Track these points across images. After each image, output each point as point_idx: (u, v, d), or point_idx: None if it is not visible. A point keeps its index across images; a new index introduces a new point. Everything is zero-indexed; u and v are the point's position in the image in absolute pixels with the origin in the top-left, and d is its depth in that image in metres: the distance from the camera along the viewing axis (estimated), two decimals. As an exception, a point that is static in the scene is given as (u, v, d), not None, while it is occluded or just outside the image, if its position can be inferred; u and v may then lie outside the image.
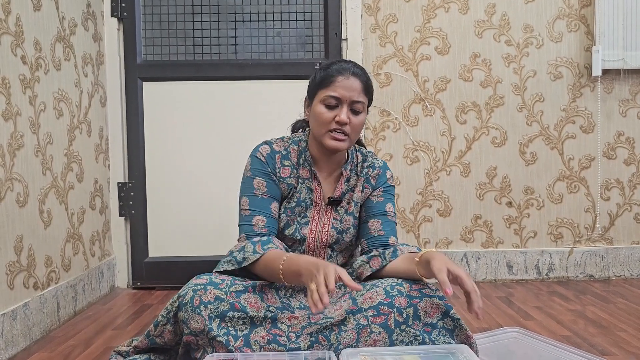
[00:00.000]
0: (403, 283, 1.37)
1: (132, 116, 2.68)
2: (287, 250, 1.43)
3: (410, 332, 1.32)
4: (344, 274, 1.20)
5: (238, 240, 1.47)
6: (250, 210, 1.47)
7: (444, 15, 2.67)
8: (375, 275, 1.47)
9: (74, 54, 2.30)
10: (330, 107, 1.44)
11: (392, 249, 1.46)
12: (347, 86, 1.43)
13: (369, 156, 1.61)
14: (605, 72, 2.66)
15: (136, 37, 2.66)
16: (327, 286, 1.16)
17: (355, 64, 1.49)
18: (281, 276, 1.31)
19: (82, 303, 2.30)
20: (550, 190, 2.72)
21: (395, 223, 1.57)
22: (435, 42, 2.68)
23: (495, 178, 2.71)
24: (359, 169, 1.58)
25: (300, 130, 1.65)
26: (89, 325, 2.11)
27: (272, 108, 2.68)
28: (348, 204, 1.56)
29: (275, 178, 1.50)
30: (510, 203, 2.72)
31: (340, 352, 1.29)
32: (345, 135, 1.45)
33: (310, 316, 1.39)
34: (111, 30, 2.65)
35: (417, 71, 2.68)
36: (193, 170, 2.69)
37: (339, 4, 2.67)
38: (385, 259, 1.45)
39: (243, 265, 1.38)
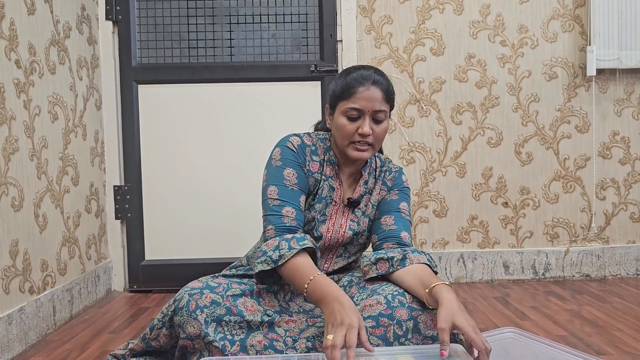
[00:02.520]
0: (405, 293, 1.36)
1: (128, 119, 2.67)
2: (316, 248, 1.41)
3: (408, 345, 1.31)
4: (362, 332, 1.18)
5: (265, 230, 1.42)
6: (279, 200, 1.42)
7: (438, 16, 2.67)
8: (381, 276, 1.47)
9: (68, 57, 2.30)
10: (352, 119, 1.42)
11: (401, 256, 1.41)
12: (368, 97, 1.41)
13: (386, 162, 1.61)
14: (600, 71, 2.66)
15: (131, 40, 2.66)
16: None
17: (375, 70, 1.46)
18: (305, 292, 1.30)
19: (78, 307, 2.30)
20: (546, 190, 2.73)
21: (410, 222, 1.54)
22: (430, 43, 2.68)
23: (491, 178, 2.71)
24: (377, 173, 1.57)
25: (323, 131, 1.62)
26: (86, 329, 2.11)
27: (268, 110, 2.68)
28: (366, 206, 1.55)
29: (305, 170, 1.48)
30: (506, 203, 2.72)
31: None
32: (369, 144, 1.43)
33: (308, 319, 1.39)
34: (106, 33, 2.65)
35: (412, 72, 2.68)
36: (189, 173, 2.69)
37: (334, 6, 2.67)
38: (392, 265, 1.42)
39: (279, 264, 1.33)
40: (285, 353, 1.31)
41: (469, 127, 2.70)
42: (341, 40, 2.67)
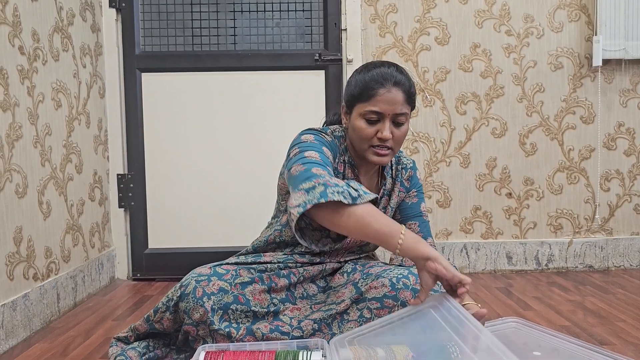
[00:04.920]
0: (409, 275, 1.36)
1: (131, 107, 2.67)
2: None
3: None
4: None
5: (311, 167, 1.25)
6: (322, 161, 1.28)
7: (443, 5, 2.65)
8: None
9: (72, 44, 2.29)
10: (371, 122, 1.36)
11: None
12: (389, 100, 1.34)
13: (401, 157, 1.56)
14: (605, 62, 2.65)
15: (135, 27, 2.65)
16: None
17: (397, 68, 1.38)
18: (400, 240, 1.16)
19: (82, 294, 2.31)
20: (550, 181, 2.72)
21: (429, 221, 1.54)
22: (435, 32, 2.66)
23: (495, 169, 2.71)
24: (394, 171, 1.53)
25: (337, 125, 1.54)
26: (89, 316, 2.11)
27: (271, 98, 2.68)
28: (384, 208, 1.52)
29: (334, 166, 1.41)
30: (510, 194, 2.71)
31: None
32: (389, 148, 1.37)
33: (313, 305, 1.39)
34: (109, 20, 2.63)
35: (416, 62, 2.67)
36: (192, 161, 2.68)
37: (339, -6, 2.66)
38: None
39: (357, 203, 1.19)
40: (292, 334, 1.32)
41: (474, 117, 2.69)
42: (345, 29, 2.66)
